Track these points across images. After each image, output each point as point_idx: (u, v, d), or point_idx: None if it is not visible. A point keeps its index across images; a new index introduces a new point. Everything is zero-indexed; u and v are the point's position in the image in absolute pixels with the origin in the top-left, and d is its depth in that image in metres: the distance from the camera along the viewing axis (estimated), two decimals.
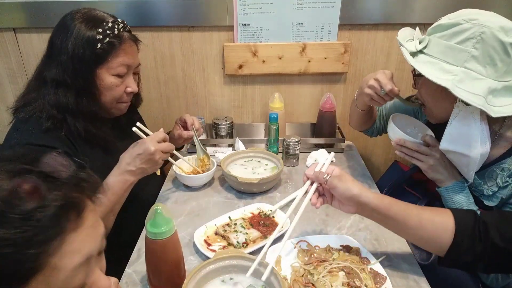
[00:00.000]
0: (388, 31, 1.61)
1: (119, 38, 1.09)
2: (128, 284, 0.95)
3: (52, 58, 1.08)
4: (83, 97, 1.08)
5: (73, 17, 1.08)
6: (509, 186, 1.01)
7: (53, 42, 1.09)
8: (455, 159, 1.06)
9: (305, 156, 1.52)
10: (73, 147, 1.09)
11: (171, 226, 0.82)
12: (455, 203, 1.08)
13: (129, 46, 1.13)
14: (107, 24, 1.07)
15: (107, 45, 1.07)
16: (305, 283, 0.90)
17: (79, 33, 1.05)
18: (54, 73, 1.07)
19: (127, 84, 1.15)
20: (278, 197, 1.30)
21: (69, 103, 1.07)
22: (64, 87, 1.07)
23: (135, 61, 1.16)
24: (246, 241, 1.05)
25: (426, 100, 1.10)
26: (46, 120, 1.06)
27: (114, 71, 1.10)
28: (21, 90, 1.66)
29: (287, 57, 1.64)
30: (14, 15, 1.56)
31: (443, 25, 0.98)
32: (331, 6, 1.56)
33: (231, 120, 1.67)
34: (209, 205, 1.27)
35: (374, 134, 1.52)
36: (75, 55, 1.05)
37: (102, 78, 1.10)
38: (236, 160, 1.46)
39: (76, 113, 1.08)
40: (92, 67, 1.07)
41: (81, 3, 1.52)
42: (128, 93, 1.17)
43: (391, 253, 1.04)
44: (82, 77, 1.07)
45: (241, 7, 1.56)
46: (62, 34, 1.06)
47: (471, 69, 0.94)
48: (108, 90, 1.11)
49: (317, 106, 1.69)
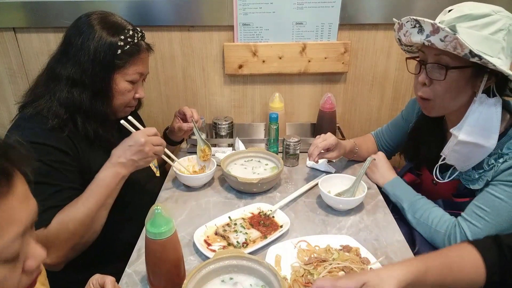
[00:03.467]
0: (388, 31, 1.61)
1: (138, 46, 1.13)
2: (128, 284, 0.95)
3: (69, 56, 1.09)
4: (98, 99, 1.11)
5: (91, 21, 1.09)
6: (494, 167, 1.02)
7: (71, 41, 1.10)
8: (466, 150, 1.05)
9: (305, 156, 1.51)
10: (75, 148, 1.10)
11: (171, 226, 0.82)
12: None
13: (145, 55, 1.17)
14: (128, 32, 1.11)
15: (127, 52, 1.11)
16: (305, 283, 0.90)
17: (101, 37, 1.07)
18: (71, 72, 1.08)
19: (136, 90, 1.19)
20: (278, 197, 1.30)
21: (83, 103, 1.09)
22: (80, 87, 1.08)
23: (147, 69, 1.21)
24: (246, 241, 1.05)
25: (437, 90, 1.04)
26: (52, 118, 1.06)
27: (129, 77, 1.14)
28: (21, 90, 1.66)
29: (287, 57, 1.64)
30: (14, 15, 1.56)
31: (471, 15, 0.96)
32: (331, 6, 1.56)
33: (231, 120, 1.67)
34: (209, 205, 1.27)
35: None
36: (96, 58, 1.07)
37: (117, 82, 1.13)
38: (236, 160, 1.46)
39: (88, 114, 1.10)
40: (110, 72, 1.10)
41: (81, 3, 1.52)
42: (136, 99, 1.21)
43: (391, 253, 1.04)
44: (100, 80, 1.09)
45: (241, 7, 1.56)
46: (83, 36, 1.08)
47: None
48: (120, 94, 1.15)
49: (317, 106, 1.69)
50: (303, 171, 1.47)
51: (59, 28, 1.59)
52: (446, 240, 1.07)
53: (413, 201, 1.18)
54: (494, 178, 1.02)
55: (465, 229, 1.03)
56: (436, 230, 1.09)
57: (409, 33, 1.04)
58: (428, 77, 1.04)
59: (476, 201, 1.05)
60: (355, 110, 1.79)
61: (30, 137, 1.02)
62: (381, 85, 1.73)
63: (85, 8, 1.52)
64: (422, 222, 1.13)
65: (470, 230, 1.03)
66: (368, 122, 1.81)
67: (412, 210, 1.16)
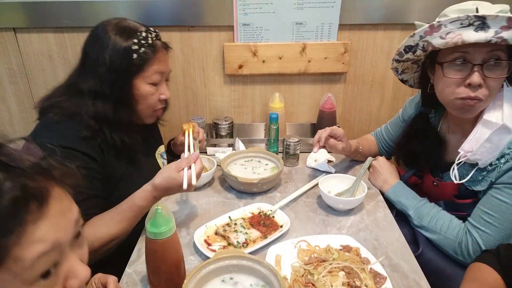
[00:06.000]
0: (388, 31, 1.61)
1: (153, 47, 1.11)
2: (128, 284, 0.95)
3: (88, 69, 1.09)
4: (121, 107, 1.10)
5: (106, 29, 1.08)
6: (497, 168, 1.02)
7: (88, 53, 1.09)
8: (497, 138, 1.02)
9: (305, 156, 1.52)
10: (102, 155, 1.09)
11: (171, 226, 0.82)
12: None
13: (163, 54, 1.15)
14: (141, 34, 1.09)
15: (143, 55, 1.09)
16: (305, 283, 0.90)
17: (115, 44, 1.06)
18: (91, 85, 1.08)
19: (161, 92, 1.18)
20: (278, 197, 1.30)
21: (108, 114, 1.08)
22: (102, 98, 1.08)
23: (168, 68, 1.19)
24: (246, 241, 1.05)
25: (493, 87, 1.01)
26: (86, 130, 1.06)
27: (149, 79, 1.12)
28: (21, 90, 1.67)
29: (287, 57, 1.64)
30: (14, 15, 1.56)
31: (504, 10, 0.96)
32: (331, 6, 1.56)
33: (231, 120, 1.67)
34: (209, 205, 1.27)
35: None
36: (112, 66, 1.06)
37: (138, 87, 1.12)
38: (236, 160, 1.46)
39: (113, 124, 1.10)
40: (129, 78, 1.10)
41: (81, 3, 1.52)
42: (162, 100, 1.20)
43: (391, 253, 1.04)
44: (120, 88, 1.09)
45: (241, 7, 1.56)
46: (98, 45, 1.07)
47: None
48: (144, 98, 1.14)
49: (317, 106, 1.69)
50: (303, 171, 1.47)
51: (59, 28, 1.59)
52: (458, 247, 1.06)
53: (418, 207, 1.17)
54: (498, 180, 1.02)
55: (476, 237, 1.03)
56: (446, 236, 1.09)
57: (457, 34, 0.96)
58: (484, 77, 0.99)
59: (482, 206, 1.04)
60: (355, 110, 1.79)
61: (61, 142, 1.01)
62: (381, 85, 1.72)
63: (85, 8, 1.53)
64: (430, 229, 1.12)
65: (481, 238, 1.02)
66: (368, 122, 1.81)
67: (418, 217, 1.16)
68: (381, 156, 1.38)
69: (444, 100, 1.10)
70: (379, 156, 1.38)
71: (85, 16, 1.54)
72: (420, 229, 1.15)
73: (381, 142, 1.49)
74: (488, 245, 1.01)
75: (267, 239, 1.06)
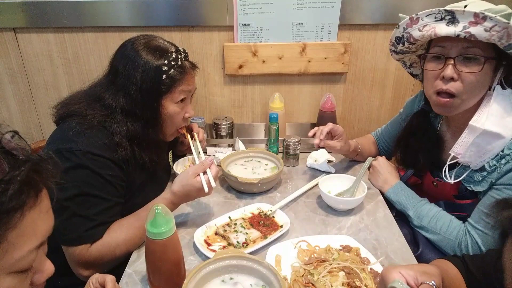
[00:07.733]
0: (388, 31, 1.61)
1: (182, 68, 1.11)
2: (128, 284, 0.95)
3: (117, 86, 1.09)
4: (150, 127, 1.11)
5: (136, 48, 1.08)
6: (497, 169, 1.02)
7: (117, 70, 1.09)
8: (485, 142, 1.02)
9: (305, 156, 1.52)
10: (127, 163, 1.09)
11: (171, 226, 0.82)
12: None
13: (190, 75, 1.15)
14: (171, 55, 1.09)
15: (172, 76, 1.09)
16: (305, 283, 0.90)
17: (146, 64, 1.06)
18: (122, 104, 1.07)
19: (185, 110, 1.18)
20: (278, 197, 1.30)
21: (138, 133, 1.09)
22: (132, 117, 1.09)
23: (194, 86, 1.19)
24: (246, 241, 1.05)
25: (469, 82, 1.01)
26: (120, 149, 1.06)
27: (176, 99, 1.13)
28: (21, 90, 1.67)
29: (287, 57, 1.64)
30: (14, 15, 1.56)
31: (492, 9, 0.95)
32: (331, 6, 1.56)
33: (231, 120, 1.67)
34: (209, 205, 1.27)
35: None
36: (143, 87, 1.07)
37: (166, 107, 1.12)
38: (236, 160, 1.46)
39: (142, 143, 1.11)
40: (158, 98, 1.10)
41: (81, 3, 1.52)
42: (186, 119, 1.20)
43: (391, 253, 1.04)
44: (150, 108, 1.09)
45: (241, 7, 1.56)
46: (129, 63, 1.07)
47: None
48: (170, 118, 1.14)
49: (317, 106, 1.69)
50: (303, 171, 1.47)
51: (59, 28, 1.59)
52: (457, 248, 1.06)
53: (418, 208, 1.17)
54: (498, 181, 1.02)
55: (476, 237, 1.03)
56: (446, 237, 1.09)
57: (431, 27, 1.00)
58: (457, 71, 1.00)
59: (482, 206, 1.04)
60: (355, 110, 1.79)
61: (90, 148, 1.01)
62: (381, 85, 1.73)
63: (85, 8, 1.53)
64: (429, 229, 1.12)
65: (481, 238, 1.02)
66: (368, 122, 1.81)
67: (418, 218, 1.16)
68: (381, 156, 1.38)
69: (427, 95, 1.12)
70: (379, 156, 1.38)
71: (85, 16, 1.54)
72: (420, 229, 1.15)
73: (381, 142, 1.49)
74: (487, 246, 1.01)
75: (267, 239, 1.06)
